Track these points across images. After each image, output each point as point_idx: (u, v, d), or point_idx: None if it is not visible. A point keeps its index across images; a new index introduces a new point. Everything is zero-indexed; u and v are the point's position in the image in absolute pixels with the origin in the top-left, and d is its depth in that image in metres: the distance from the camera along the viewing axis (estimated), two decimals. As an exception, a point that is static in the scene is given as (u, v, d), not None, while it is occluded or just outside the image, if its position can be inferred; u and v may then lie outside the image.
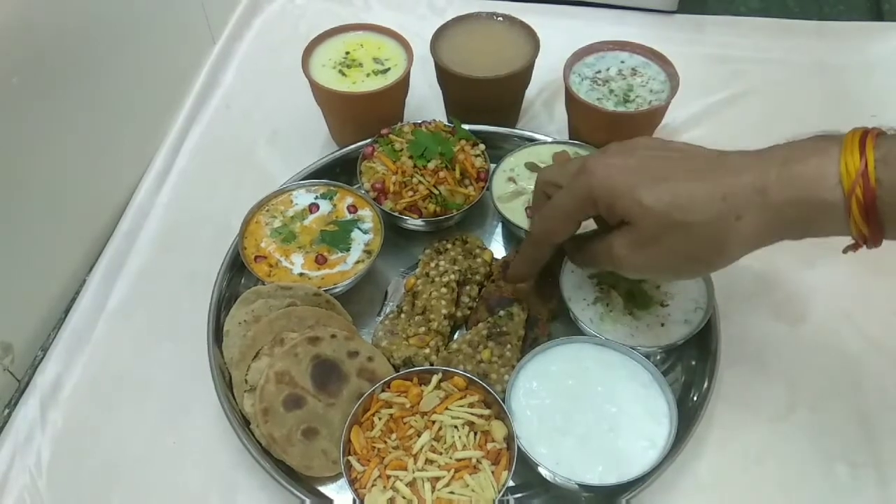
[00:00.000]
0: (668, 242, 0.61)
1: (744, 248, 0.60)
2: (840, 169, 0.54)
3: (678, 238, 0.60)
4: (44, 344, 0.85)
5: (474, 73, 0.93)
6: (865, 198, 0.53)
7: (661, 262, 0.63)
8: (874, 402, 0.78)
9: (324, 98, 0.96)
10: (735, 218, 0.57)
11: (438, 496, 0.67)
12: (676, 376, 0.80)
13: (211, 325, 0.81)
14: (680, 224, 0.59)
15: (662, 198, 0.59)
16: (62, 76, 0.83)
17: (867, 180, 0.52)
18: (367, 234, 0.85)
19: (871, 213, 0.53)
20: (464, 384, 0.73)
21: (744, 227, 0.58)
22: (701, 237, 0.59)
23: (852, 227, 0.55)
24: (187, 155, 1.04)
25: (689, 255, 0.62)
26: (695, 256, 0.62)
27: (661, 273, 0.69)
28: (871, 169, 0.52)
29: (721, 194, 0.58)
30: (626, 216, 0.61)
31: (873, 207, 0.53)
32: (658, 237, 0.61)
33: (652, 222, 0.60)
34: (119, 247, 0.93)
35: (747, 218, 0.57)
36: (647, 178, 0.60)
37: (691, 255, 0.62)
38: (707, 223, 0.58)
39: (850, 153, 0.53)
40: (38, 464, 0.76)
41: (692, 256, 0.62)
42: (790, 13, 1.22)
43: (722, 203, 0.57)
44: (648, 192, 0.59)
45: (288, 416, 0.72)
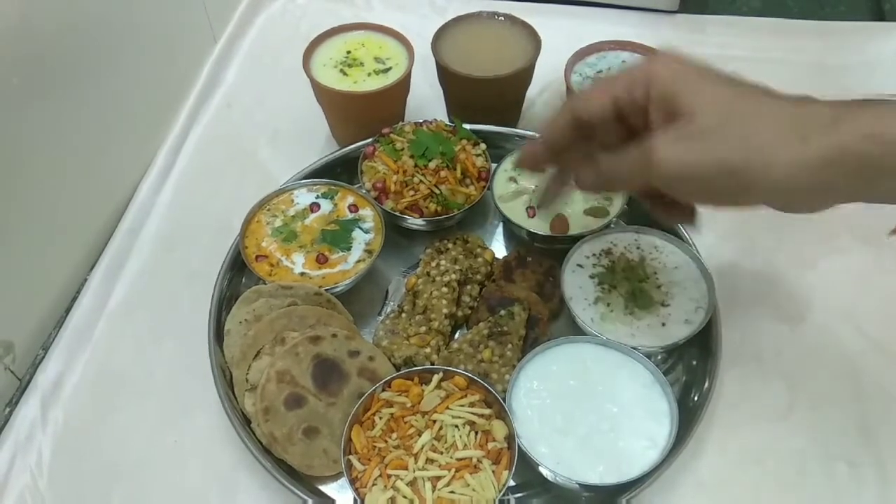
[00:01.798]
0: (722, 145, 0.53)
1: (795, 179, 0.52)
2: None
3: (735, 143, 0.53)
4: (45, 343, 0.85)
5: (475, 73, 0.93)
6: None
7: (703, 169, 0.54)
8: (874, 401, 0.78)
9: (325, 97, 0.96)
10: (801, 140, 0.51)
11: (439, 495, 0.67)
12: (677, 376, 0.80)
13: (212, 324, 0.81)
14: (745, 127, 0.53)
15: (736, 96, 0.54)
16: (63, 76, 0.83)
17: None
18: (368, 233, 0.85)
19: None
20: (464, 384, 0.73)
21: (806, 151, 0.51)
22: (759, 149, 0.52)
23: None
24: (188, 154, 1.04)
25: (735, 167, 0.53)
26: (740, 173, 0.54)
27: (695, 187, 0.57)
28: None
29: (796, 113, 0.52)
30: (687, 103, 0.55)
31: None
32: (714, 135, 0.54)
33: (717, 114, 0.54)
34: (120, 246, 0.93)
35: (813, 142, 0.51)
36: (722, 79, 0.56)
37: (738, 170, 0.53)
38: (772, 135, 0.52)
39: None
40: (39, 463, 0.76)
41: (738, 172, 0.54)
42: (791, 13, 1.21)
43: (793, 120, 0.52)
44: (722, 87, 0.55)
45: (289, 416, 0.72)
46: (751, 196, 0.56)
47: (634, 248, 0.85)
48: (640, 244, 0.85)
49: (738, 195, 0.56)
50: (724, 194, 0.57)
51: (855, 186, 0.53)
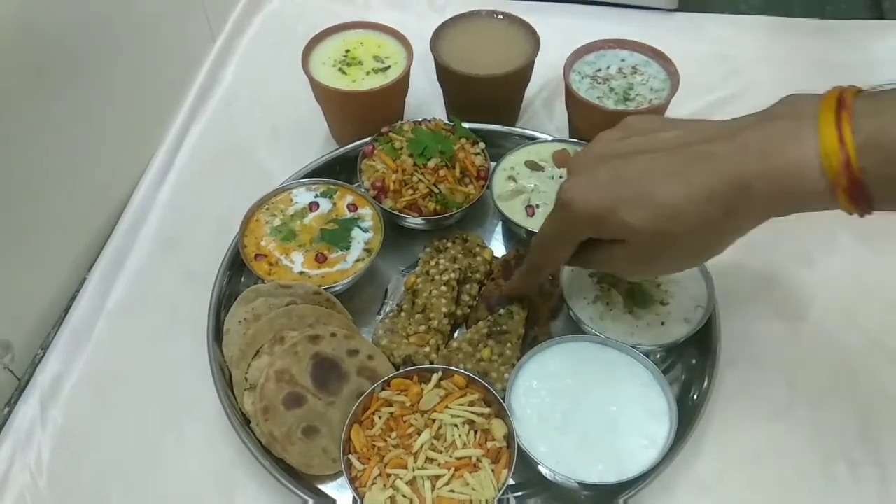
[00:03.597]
0: (666, 253, 0.61)
1: (737, 235, 0.60)
2: (821, 159, 0.51)
3: (674, 247, 0.60)
4: (44, 342, 0.85)
5: (474, 72, 0.93)
6: (851, 185, 0.51)
7: (662, 267, 0.66)
8: (874, 400, 0.78)
9: (324, 96, 0.96)
10: (724, 214, 0.56)
11: (438, 494, 0.67)
12: (676, 375, 0.80)
13: (211, 323, 0.81)
14: (672, 236, 0.58)
15: (646, 215, 0.58)
16: (61, 75, 0.83)
17: (850, 170, 0.50)
18: (367, 232, 0.85)
19: (858, 197, 0.52)
20: (464, 383, 0.73)
21: (734, 220, 0.57)
22: (695, 241, 0.60)
23: (841, 206, 0.53)
24: (187, 153, 1.04)
25: (687, 256, 0.63)
26: (693, 255, 0.64)
27: (663, 273, 0.72)
28: (853, 159, 0.50)
29: (705, 196, 0.56)
30: (618, 237, 0.61)
31: (860, 191, 0.51)
32: (654, 251, 0.61)
33: (644, 241, 0.59)
34: (119, 245, 0.93)
35: (735, 213, 0.56)
36: (626, 193, 0.58)
37: (690, 256, 0.63)
38: (698, 228, 0.58)
39: (829, 140, 0.51)
40: (38, 462, 0.76)
41: (691, 256, 0.64)
42: (791, 11, 1.21)
43: (708, 205, 0.56)
44: (632, 211, 0.58)
45: (288, 415, 0.72)
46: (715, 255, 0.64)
47: (634, 247, 0.84)
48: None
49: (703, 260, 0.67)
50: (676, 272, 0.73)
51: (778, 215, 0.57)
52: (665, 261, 0.63)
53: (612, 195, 0.59)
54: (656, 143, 0.60)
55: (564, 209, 0.62)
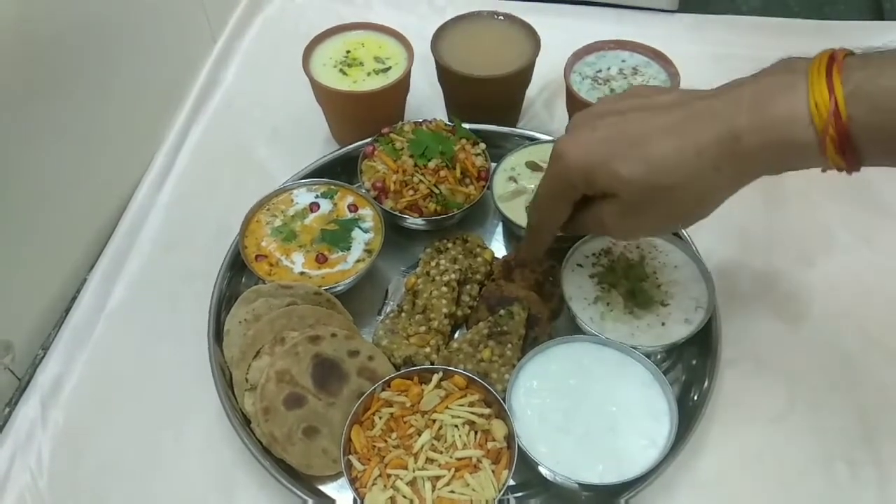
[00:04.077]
0: (654, 207, 0.61)
1: (726, 193, 0.60)
2: (810, 108, 0.52)
3: (662, 202, 0.60)
4: (44, 343, 0.85)
5: (475, 72, 0.93)
6: (839, 135, 0.51)
7: (650, 225, 0.65)
8: (874, 400, 0.78)
9: (324, 97, 0.96)
10: (713, 169, 0.57)
11: (439, 495, 0.67)
12: (677, 375, 0.80)
13: (211, 324, 0.81)
14: (661, 188, 0.59)
15: (638, 167, 0.58)
16: (62, 76, 0.83)
17: (839, 118, 0.51)
18: (368, 233, 0.85)
19: (846, 148, 0.52)
20: (464, 383, 0.73)
21: (722, 177, 0.57)
22: (683, 196, 0.59)
23: (829, 161, 0.54)
24: (188, 154, 1.04)
25: (675, 213, 0.62)
26: (681, 213, 0.63)
27: (650, 234, 0.70)
28: (841, 107, 0.51)
29: (695, 150, 0.57)
30: (608, 190, 0.61)
31: (848, 143, 0.52)
32: (642, 204, 0.61)
33: (634, 192, 0.60)
34: (120, 246, 0.93)
35: (724, 168, 0.57)
36: (619, 147, 0.59)
37: (677, 213, 0.62)
38: (687, 183, 0.58)
39: (819, 89, 0.52)
40: (38, 463, 0.76)
41: (678, 214, 0.63)
42: (791, 12, 1.21)
43: (697, 159, 0.57)
44: (623, 163, 0.59)
45: (288, 415, 0.72)
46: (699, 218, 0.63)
47: (634, 248, 0.84)
48: (640, 243, 0.85)
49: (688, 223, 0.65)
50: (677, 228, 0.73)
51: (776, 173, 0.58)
52: (653, 217, 0.62)
53: (605, 148, 0.60)
54: (654, 103, 0.61)
55: (558, 161, 0.63)
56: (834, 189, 0.91)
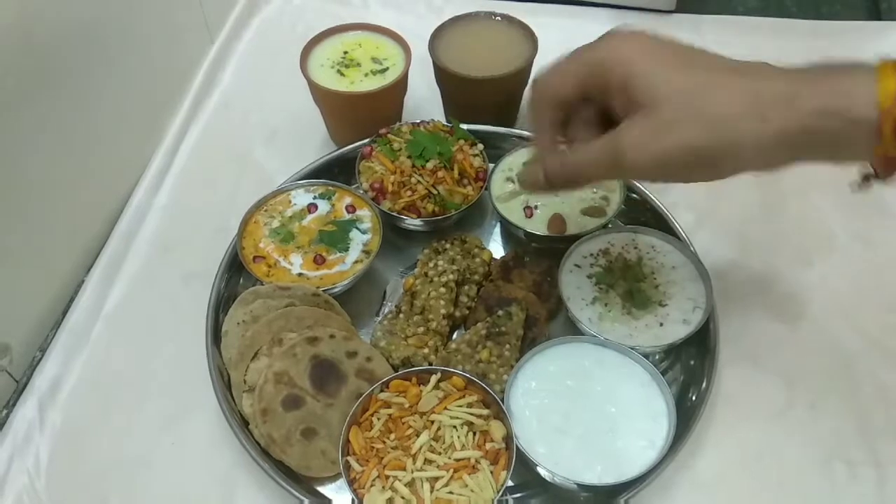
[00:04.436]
0: (688, 132, 0.55)
1: (761, 154, 0.56)
2: (877, 87, 0.51)
3: (700, 128, 0.55)
4: (42, 345, 0.85)
5: (473, 73, 0.93)
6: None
7: (672, 157, 0.57)
8: (872, 400, 0.78)
9: (322, 98, 0.96)
10: (761, 119, 0.54)
11: (437, 496, 0.67)
12: (675, 376, 0.80)
13: (209, 325, 0.81)
14: (706, 113, 0.55)
15: (691, 81, 0.55)
16: (59, 77, 0.83)
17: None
18: (366, 234, 0.85)
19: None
20: (462, 384, 0.73)
21: (767, 129, 0.54)
22: (723, 132, 0.55)
23: (881, 147, 0.51)
24: (185, 155, 1.04)
25: (704, 152, 0.56)
26: (710, 155, 0.56)
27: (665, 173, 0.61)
28: None
29: (754, 90, 0.54)
30: (646, 96, 0.56)
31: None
32: (678, 124, 0.55)
33: (676, 105, 0.55)
34: (117, 247, 0.93)
35: (773, 121, 0.53)
36: (676, 60, 0.56)
37: (706, 153, 0.56)
38: (733, 116, 0.54)
39: (887, 74, 0.51)
40: (36, 465, 0.76)
41: (707, 155, 0.56)
42: (788, 13, 1.22)
43: (753, 98, 0.54)
44: (677, 72, 0.55)
45: (287, 417, 0.72)
46: (718, 174, 0.59)
47: (632, 248, 0.85)
48: (638, 244, 0.85)
49: (706, 175, 0.59)
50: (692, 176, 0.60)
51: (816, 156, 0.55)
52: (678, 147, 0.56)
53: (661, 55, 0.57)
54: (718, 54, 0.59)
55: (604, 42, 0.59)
56: (833, 189, 0.91)
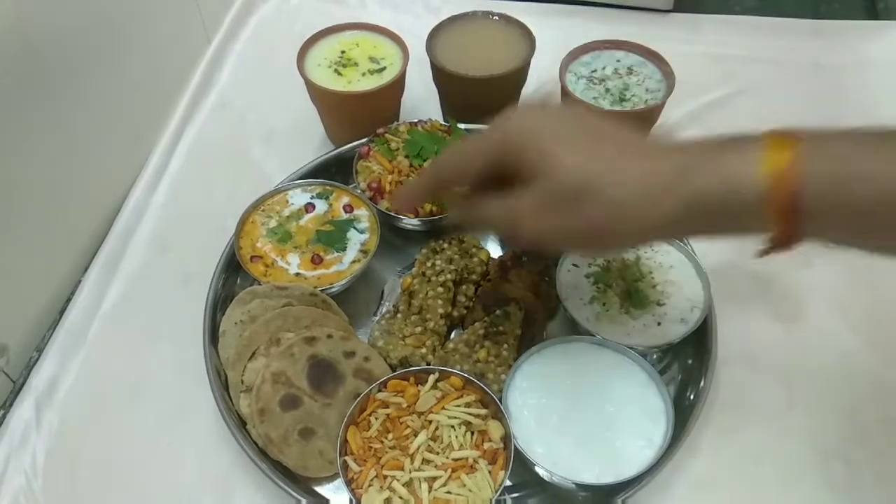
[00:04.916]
0: (581, 209, 0.55)
1: (655, 231, 0.57)
2: (764, 162, 0.51)
3: (593, 206, 0.55)
4: (39, 345, 0.85)
5: (470, 73, 0.93)
6: (789, 193, 0.50)
7: (565, 230, 0.57)
8: (870, 400, 0.78)
9: (319, 97, 0.96)
10: (650, 201, 0.54)
11: (435, 496, 0.67)
12: (673, 375, 0.80)
13: (207, 325, 0.80)
14: (599, 191, 0.54)
15: (585, 159, 0.55)
16: (56, 76, 0.83)
17: (792, 176, 0.50)
18: (364, 233, 0.85)
19: (790, 212, 0.51)
20: (460, 384, 0.73)
21: (660, 209, 0.54)
22: (617, 210, 0.55)
23: (769, 223, 0.52)
24: (182, 155, 1.04)
25: (597, 228, 0.56)
26: (603, 231, 0.57)
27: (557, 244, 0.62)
28: (797, 163, 0.50)
29: (641, 172, 0.54)
30: (542, 170, 0.56)
31: (794, 204, 0.50)
32: (572, 201, 0.55)
33: (570, 182, 0.55)
34: (114, 247, 0.93)
35: (666, 200, 0.54)
36: (569, 134, 0.57)
37: (600, 230, 0.57)
38: (627, 196, 0.54)
39: (777, 148, 0.51)
40: (33, 465, 0.76)
41: (600, 231, 0.57)
42: (785, 12, 1.22)
43: (640, 180, 0.54)
44: (572, 149, 0.55)
45: (284, 417, 0.72)
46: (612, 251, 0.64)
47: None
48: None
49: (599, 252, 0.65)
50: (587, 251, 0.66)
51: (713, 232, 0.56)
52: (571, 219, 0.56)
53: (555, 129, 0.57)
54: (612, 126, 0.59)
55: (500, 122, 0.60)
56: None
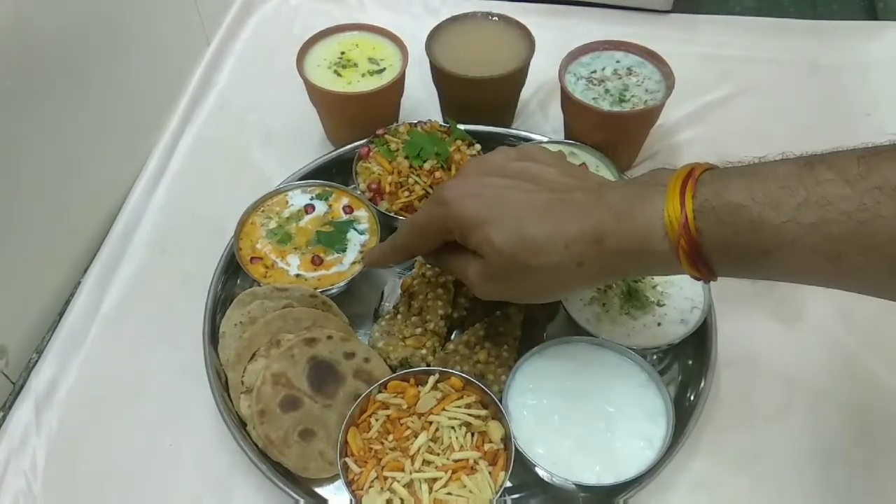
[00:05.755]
0: (516, 280, 0.63)
1: (585, 286, 0.68)
2: (665, 221, 0.56)
3: (524, 277, 0.62)
4: (38, 346, 0.85)
5: (470, 73, 0.93)
6: (690, 247, 0.55)
7: (509, 293, 0.67)
8: (870, 401, 0.78)
9: (319, 98, 0.96)
10: (576, 264, 0.60)
11: (436, 497, 0.67)
12: (673, 376, 0.80)
13: (207, 326, 0.80)
14: (526, 267, 0.61)
15: (510, 239, 0.61)
16: (55, 78, 0.83)
17: (688, 232, 0.54)
18: (363, 234, 0.85)
19: (697, 260, 0.55)
20: (461, 385, 0.73)
21: (584, 272, 0.60)
22: (545, 279, 0.62)
23: (685, 270, 0.57)
24: (182, 156, 1.04)
25: (534, 290, 0.65)
26: (540, 291, 0.66)
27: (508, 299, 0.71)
28: (690, 220, 0.54)
29: (564, 242, 0.59)
30: (478, 250, 0.63)
31: (698, 255, 0.55)
32: (506, 275, 0.63)
33: (501, 262, 0.62)
34: (113, 249, 0.93)
35: (587, 265, 0.60)
36: (499, 214, 0.62)
37: (536, 291, 0.65)
38: (551, 268, 0.60)
39: (673, 203, 0.55)
40: (33, 467, 0.76)
41: (537, 291, 0.66)
42: (784, 12, 1.22)
43: (565, 251, 0.59)
44: (498, 231, 0.61)
45: (284, 418, 0.72)
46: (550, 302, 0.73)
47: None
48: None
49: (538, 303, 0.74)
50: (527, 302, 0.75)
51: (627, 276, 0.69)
52: (513, 288, 0.65)
53: (486, 211, 0.62)
54: (542, 177, 0.64)
55: (440, 206, 0.65)
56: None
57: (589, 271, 0.60)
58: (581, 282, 0.63)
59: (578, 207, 0.61)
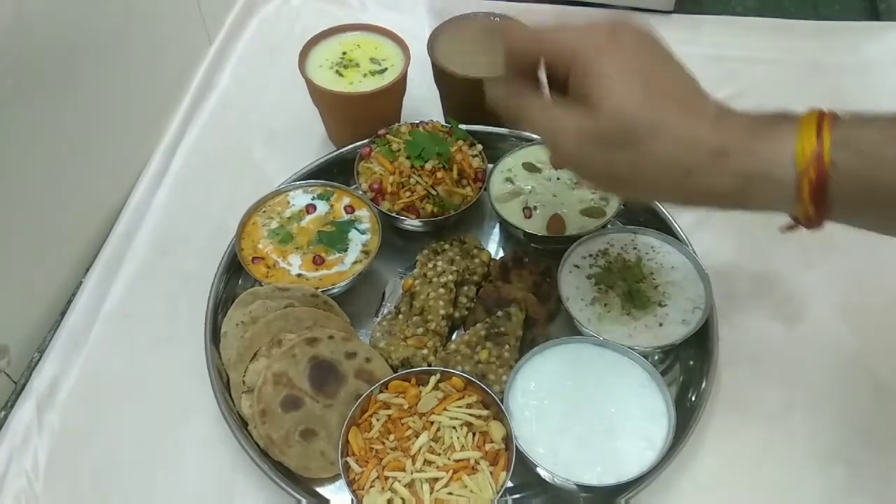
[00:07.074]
0: (619, 153, 0.56)
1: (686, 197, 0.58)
2: (796, 148, 0.53)
3: (629, 154, 0.56)
4: (40, 346, 0.85)
5: (471, 74, 0.93)
6: (818, 179, 0.52)
7: (600, 167, 0.58)
8: (872, 401, 0.78)
9: (321, 98, 0.96)
10: (685, 173, 0.55)
11: (437, 497, 0.67)
12: (674, 376, 0.80)
13: (208, 326, 0.80)
14: (638, 142, 0.55)
15: (640, 106, 0.55)
16: (57, 78, 0.83)
17: (821, 162, 0.52)
18: (365, 234, 0.85)
19: (819, 195, 0.53)
20: (462, 385, 0.73)
21: (690, 182, 0.56)
22: (649, 168, 0.56)
23: (799, 206, 0.54)
24: (183, 156, 1.04)
25: (632, 177, 0.57)
26: (637, 182, 0.58)
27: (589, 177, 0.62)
28: (826, 150, 0.52)
29: (690, 139, 0.55)
30: (597, 98, 0.56)
31: (823, 189, 0.53)
32: (611, 142, 0.56)
33: (615, 121, 0.55)
34: (115, 248, 0.93)
35: (696, 176, 0.55)
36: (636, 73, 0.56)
37: (634, 180, 0.58)
38: (662, 158, 0.55)
39: (808, 133, 0.53)
40: (34, 466, 0.76)
41: (634, 181, 0.58)
42: (786, 13, 1.22)
43: (685, 149, 0.55)
44: (630, 90, 0.55)
45: (286, 418, 0.72)
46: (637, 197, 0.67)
47: (631, 249, 0.85)
48: (637, 244, 0.85)
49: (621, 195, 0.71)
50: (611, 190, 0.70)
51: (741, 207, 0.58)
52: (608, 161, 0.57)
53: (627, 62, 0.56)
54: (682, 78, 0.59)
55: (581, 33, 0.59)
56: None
57: (694, 184, 0.55)
58: (680, 191, 0.57)
59: (713, 113, 0.56)
